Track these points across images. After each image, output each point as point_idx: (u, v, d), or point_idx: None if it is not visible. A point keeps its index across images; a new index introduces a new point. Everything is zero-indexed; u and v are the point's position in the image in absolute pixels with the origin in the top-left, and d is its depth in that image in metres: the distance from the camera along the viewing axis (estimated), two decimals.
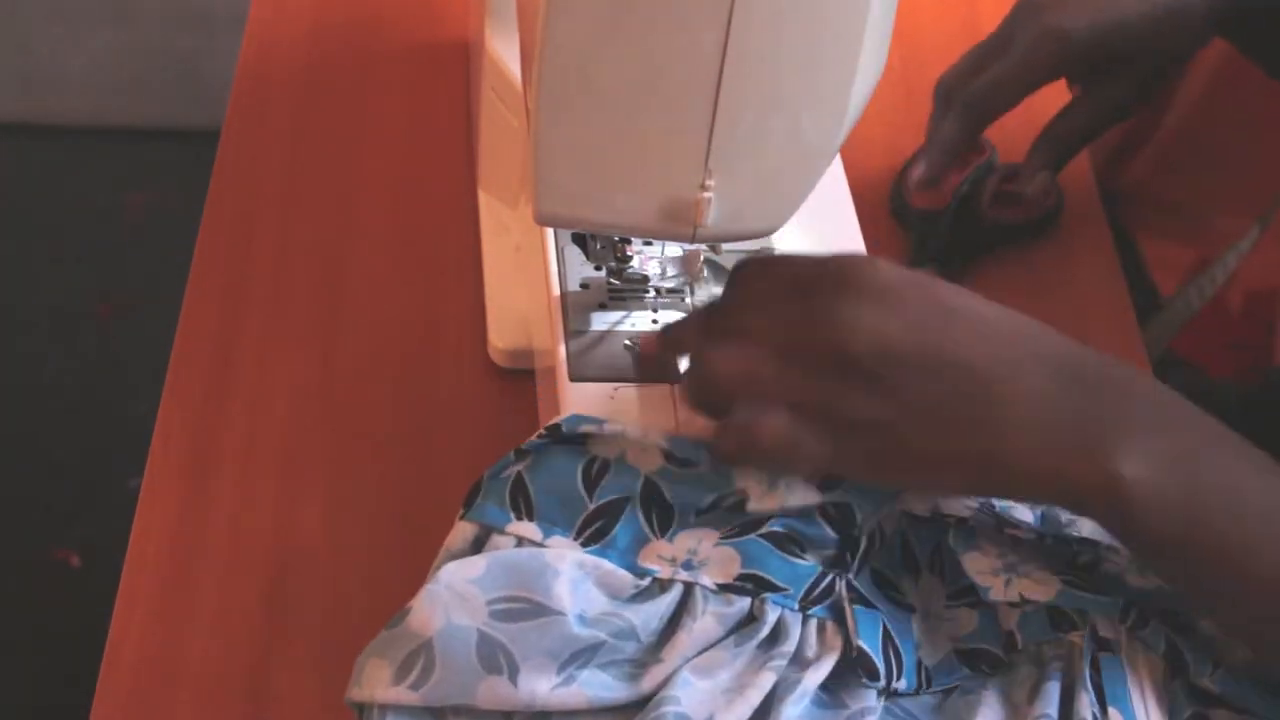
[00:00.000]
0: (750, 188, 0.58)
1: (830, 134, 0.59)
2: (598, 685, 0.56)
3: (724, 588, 0.58)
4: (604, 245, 0.69)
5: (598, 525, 0.59)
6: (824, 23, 0.55)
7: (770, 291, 0.57)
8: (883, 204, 0.89)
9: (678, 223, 0.59)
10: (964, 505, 0.60)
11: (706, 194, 0.58)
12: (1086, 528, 0.59)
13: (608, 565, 0.58)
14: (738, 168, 0.57)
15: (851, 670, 0.59)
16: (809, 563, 0.59)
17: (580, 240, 0.69)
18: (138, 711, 0.66)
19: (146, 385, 1.79)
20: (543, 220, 0.60)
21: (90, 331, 1.78)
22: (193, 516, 0.73)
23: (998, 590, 0.60)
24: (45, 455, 1.67)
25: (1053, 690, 0.58)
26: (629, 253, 0.69)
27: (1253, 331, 1.33)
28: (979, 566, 0.61)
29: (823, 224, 0.79)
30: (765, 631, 0.58)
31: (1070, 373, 0.54)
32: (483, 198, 0.86)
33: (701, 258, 0.70)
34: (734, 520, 0.59)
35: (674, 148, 0.57)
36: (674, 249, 0.71)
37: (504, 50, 0.80)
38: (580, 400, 0.63)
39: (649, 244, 0.70)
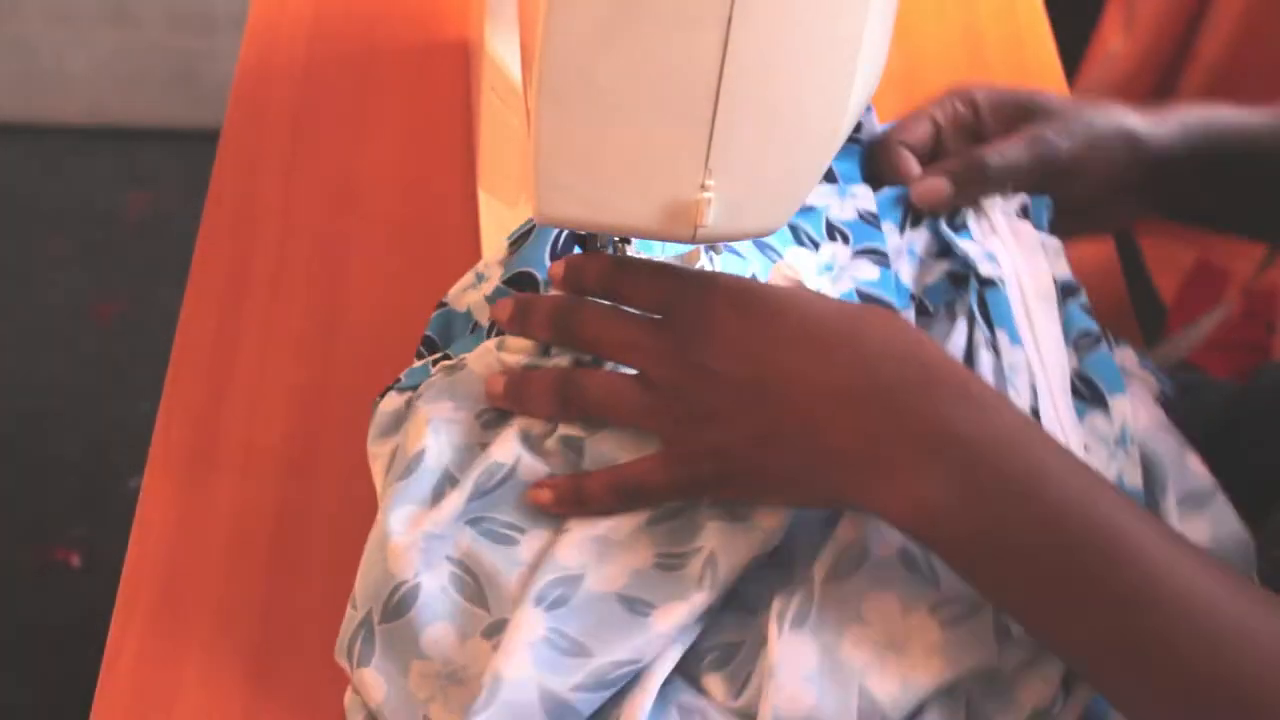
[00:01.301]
0: (750, 188, 0.58)
1: (830, 134, 0.59)
2: None
3: None
4: (604, 246, 0.69)
5: None
6: (824, 23, 0.55)
7: (637, 302, 0.62)
8: None
9: (678, 223, 0.59)
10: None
11: (706, 194, 0.58)
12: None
13: None
14: (738, 168, 0.57)
15: None
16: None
17: (580, 240, 0.69)
18: (138, 711, 0.66)
19: (146, 385, 1.79)
20: (543, 220, 0.60)
21: (90, 331, 1.78)
22: (193, 516, 0.73)
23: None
24: (45, 455, 1.67)
25: (960, 327, 0.70)
26: (628, 252, 0.69)
27: (1252, 331, 1.33)
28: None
29: None
30: None
31: (873, 398, 0.57)
32: (483, 198, 0.86)
33: (701, 258, 0.70)
34: None
35: (674, 148, 0.57)
36: (674, 249, 0.71)
37: (504, 50, 0.80)
38: None
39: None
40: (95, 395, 1.72)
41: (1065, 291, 0.72)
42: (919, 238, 0.75)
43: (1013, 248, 0.73)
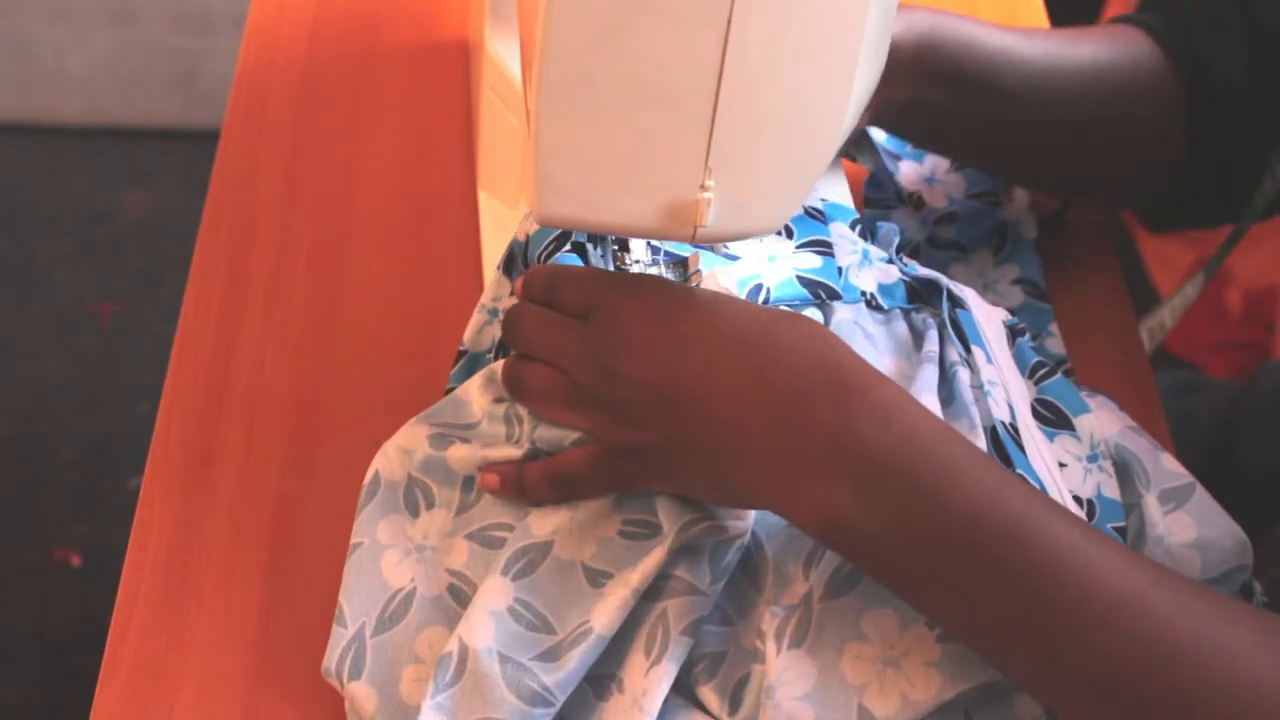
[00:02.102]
0: (750, 188, 0.58)
1: (830, 134, 0.59)
2: None
3: None
4: (603, 254, 0.69)
5: None
6: (824, 23, 0.55)
7: (565, 306, 0.63)
8: None
9: (678, 223, 0.59)
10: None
11: (706, 194, 0.58)
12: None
13: None
14: (738, 168, 0.57)
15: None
16: None
17: (579, 249, 0.69)
18: (138, 711, 0.66)
19: (146, 385, 1.79)
20: (543, 220, 0.60)
21: (90, 331, 1.78)
22: (193, 516, 0.73)
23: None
24: (45, 455, 1.67)
25: (932, 336, 0.70)
26: (627, 262, 0.69)
27: (1252, 331, 1.33)
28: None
29: None
30: None
31: (785, 410, 0.57)
32: (483, 198, 0.86)
33: (699, 260, 0.70)
34: None
35: (674, 148, 0.57)
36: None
37: (504, 50, 0.80)
38: None
39: (655, 253, 0.70)
40: (95, 395, 1.72)
41: (1014, 333, 0.74)
42: (875, 251, 0.75)
43: (966, 291, 0.75)
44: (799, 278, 0.71)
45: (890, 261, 0.73)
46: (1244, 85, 0.75)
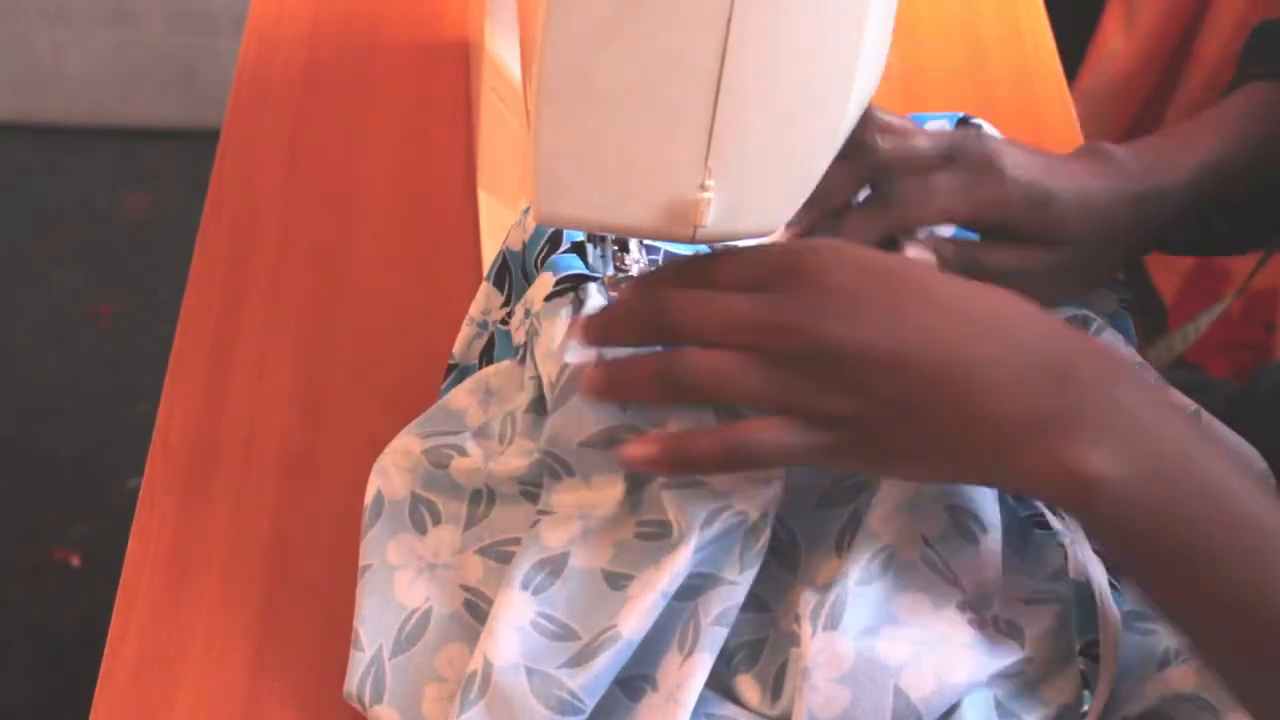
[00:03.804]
0: (750, 188, 0.58)
1: (830, 134, 0.59)
2: None
3: None
4: (603, 254, 0.69)
5: None
6: (824, 23, 0.55)
7: (731, 284, 0.58)
8: None
9: (678, 223, 0.59)
10: None
11: (706, 194, 0.58)
12: None
13: None
14: (738, 168, 0.57)
15: None
16: None
17: (579, 247, 0.69)
18: (138, 711, 0.66)
19: (146, 385, 1.79)
20: (543, 220, 0.60)
21: (90, 331, 1.78)
22: (193, 516, 0.73)
23: None
24: (45, 455, 1.67)
25: None
26: (627, 262, 0.69)
27: (1252, 331, 1.33)
28: None
29: None
30: None
31: (1041, 367, 0.55)
32: (483, 198, 0.86)
33: None
34: None
35: (674, 148, 0.57)
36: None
37: (504, 50, 0.80)
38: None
39: (654, 253, 0.70)
40: (95, 395, 1.72)
41: None
42: None
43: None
44: None
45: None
46: None
